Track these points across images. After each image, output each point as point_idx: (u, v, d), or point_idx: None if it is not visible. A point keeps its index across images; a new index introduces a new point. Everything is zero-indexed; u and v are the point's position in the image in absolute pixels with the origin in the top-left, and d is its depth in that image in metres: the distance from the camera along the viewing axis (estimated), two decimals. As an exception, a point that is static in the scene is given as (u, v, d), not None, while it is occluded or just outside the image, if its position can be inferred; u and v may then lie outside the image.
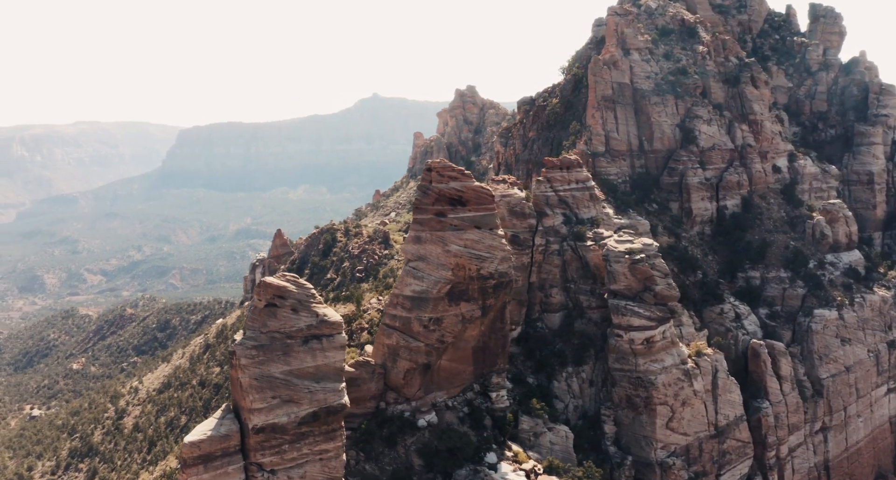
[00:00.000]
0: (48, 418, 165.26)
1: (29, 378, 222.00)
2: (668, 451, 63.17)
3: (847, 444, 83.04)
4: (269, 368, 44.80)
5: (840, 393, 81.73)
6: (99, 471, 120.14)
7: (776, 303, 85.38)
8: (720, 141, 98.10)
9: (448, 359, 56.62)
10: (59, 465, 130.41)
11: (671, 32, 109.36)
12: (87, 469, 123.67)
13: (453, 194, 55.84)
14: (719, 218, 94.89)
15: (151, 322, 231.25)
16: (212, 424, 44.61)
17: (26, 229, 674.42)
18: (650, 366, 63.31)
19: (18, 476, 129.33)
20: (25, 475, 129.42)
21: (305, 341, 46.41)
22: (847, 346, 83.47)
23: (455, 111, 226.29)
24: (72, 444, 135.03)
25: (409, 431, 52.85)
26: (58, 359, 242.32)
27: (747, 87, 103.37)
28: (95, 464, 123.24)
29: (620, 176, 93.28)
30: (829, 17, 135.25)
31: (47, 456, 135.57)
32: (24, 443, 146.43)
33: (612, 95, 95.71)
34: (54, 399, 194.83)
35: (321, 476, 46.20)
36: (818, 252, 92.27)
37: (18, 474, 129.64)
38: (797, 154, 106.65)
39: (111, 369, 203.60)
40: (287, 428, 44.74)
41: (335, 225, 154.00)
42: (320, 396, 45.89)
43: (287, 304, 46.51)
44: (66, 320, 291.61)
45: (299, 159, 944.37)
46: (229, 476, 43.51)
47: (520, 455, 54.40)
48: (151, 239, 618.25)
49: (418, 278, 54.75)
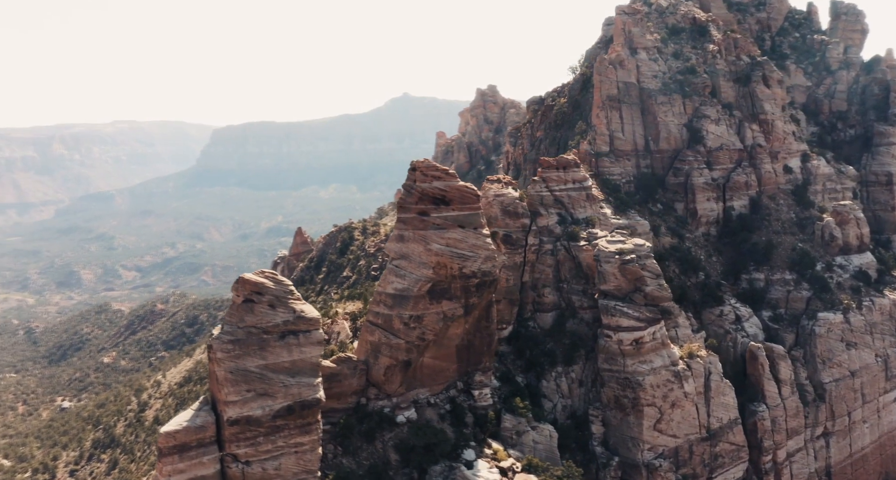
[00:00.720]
0: (76, 410, 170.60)
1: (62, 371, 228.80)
2: (655, 453, 62.87)
3: (851, 450, 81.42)
4: (245, 362, 46.00)
5: (844, 398, 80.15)
6: (119, 462, 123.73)
7: (780, 306, 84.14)
8: (728, 141, 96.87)
9: (431, 357, 57.28)
10: (83, 455, 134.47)
11: (682, 31, 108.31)
12: (109, 460, 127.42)
13: (436, 194, 56.47)
14: (726, 219, 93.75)
15: (180, 318, 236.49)
16: (189, 415, 46.03)
17: (64, 226, 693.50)
18: (638, 367, 63.10)
19: (43, 466, 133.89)
20: (50, 464, 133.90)
21: (282, 336, 47.54)
22: (853, 350, 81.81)
23: (476, 110, 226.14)
24: (95, 435, 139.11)
25: (387, 427, 53.64)
26: (90, 353, 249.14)
27: (759, 86, 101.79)
28: (116, 455, 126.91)
29: (624, 176, 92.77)
30: (850, 15, 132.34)
31: (72, 447, 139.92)
32: (51, 434, 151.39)
33: (618, 94, 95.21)
34: (85, 392, 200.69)
35: (296, 468, 47.27)
36: (827, 254, 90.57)
37: (44, 463, 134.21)
38: (811, 154, 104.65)
39: (140, 363, 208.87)
40: (261, 421, 45.90)
41: (353, 224, 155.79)
42: (295, 390, 46.97)
43: (264, 300, 47.68)
44: (99, 314, 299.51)
45: (330, 158, 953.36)
46: (204, 466, 44.83)
47: (499, 452, 54.77)
48: (185, 236, 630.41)
49: (400, 276, 55.55)
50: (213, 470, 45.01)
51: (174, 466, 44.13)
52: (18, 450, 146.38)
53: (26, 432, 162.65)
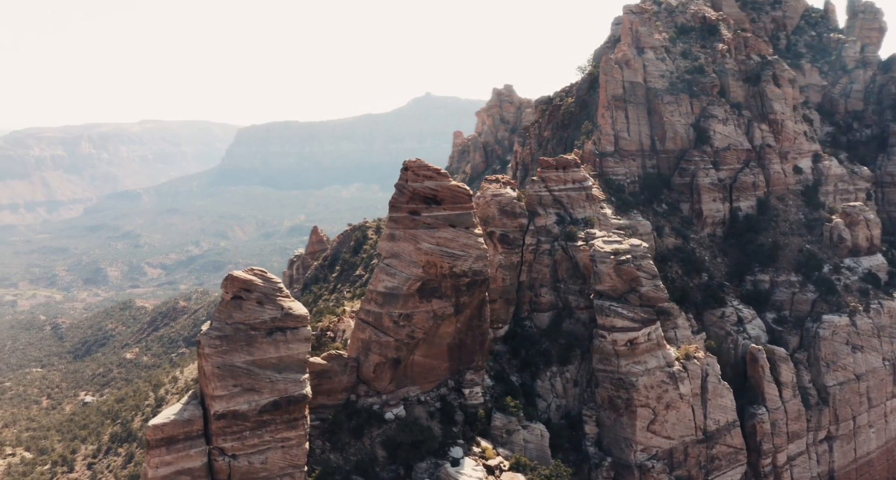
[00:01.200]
0: (97, 404, 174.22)
1: (86, 366, 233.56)
2: (648, 454, 62.64)
3: (856, 455, 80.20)
4: (232, 357, 46.95)
5: (848, 402, 78.98)
6: (136, 456, 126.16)
7: (784, 308, 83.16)
8: (736, 141, 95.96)
9: (422, 355, 57.79)
10: (101, 449, 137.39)
11: (691, 30, 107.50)
12: (125, 454, 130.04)
13: (427, 193, 56.98)
14: (732, 220, 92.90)
15: (202, 315, 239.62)
16: (177, 409, 47.10)
17: (92, 224, 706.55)
18: (632, 368, 62.93)
19: (63, 458, 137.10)
20: (69, 457, 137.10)
21: (269, 333, 48.42)
22: (859, 353, 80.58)
23: (492, 110, 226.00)
24: (113, 429, 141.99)
25: (375, 423, 54.25)
26: (114, 348, 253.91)
27: (769, 85, 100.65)
28: (133, 449, 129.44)
29: (629, 176, 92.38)
30: (868, 13, 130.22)
31: (91, 440, 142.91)
32: (71, 427, 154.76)
33: (624, 94, 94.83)
34: (107, 387, 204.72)
35: (282, 462, 48.10)
36: (835, 256, 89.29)
37: (63, 456, 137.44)
38: (823, 155, 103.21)
39: (161, 359, 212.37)
40: (248, 415, 46.80)
41: (367, 223, 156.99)
42: (281, 386, 47.81)
43: (253, 297, 48.61)
44: (123, 311, 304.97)
45: (352, 158, 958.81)
46: (191, 458, 45.83)
47: (487, 451, 55.08)
48: (209, 234, 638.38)
49: (391, 275, 56.15)
50: (200, 463, 46.00)
51: (161, 458, 45.22)
52: (40, 443, 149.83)
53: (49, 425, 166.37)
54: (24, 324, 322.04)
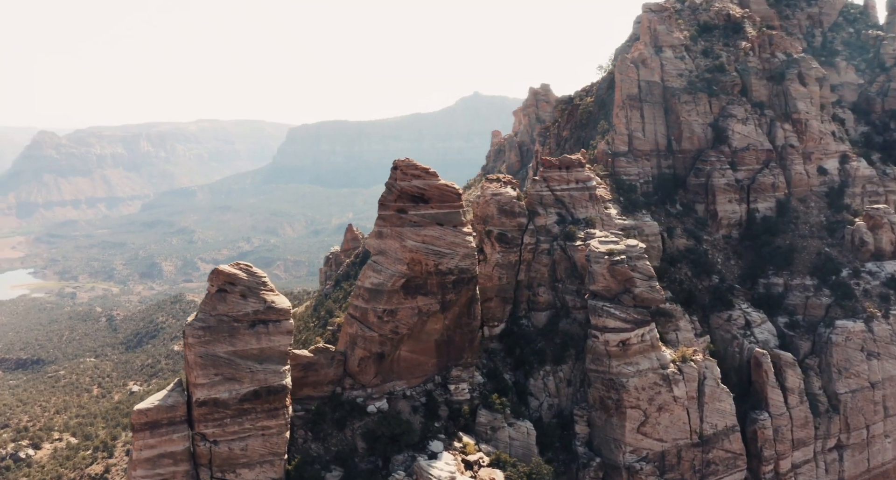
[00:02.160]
0: (143, 394, 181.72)
1: (136, 357, 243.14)
2: (638, 455, 62.28)
3: (869, 465, 77.58)
4: (214, 347, 49.16)
5: (861, 410, 76.47)
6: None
7: (797, 312, 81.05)
8: (756, 141, 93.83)
9: (409, 350, 59.00)
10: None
11: (714, 28, 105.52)
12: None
13: (415, 192, 58.12)
14: (749, 221, 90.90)
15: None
16: (162, 395, 49.61)
17: (149, 219, 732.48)
18: (623, 369, 62.67)
19: (104, 444, 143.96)
20: (110, 443, 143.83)
21: (252, 325, 50.45)
22: (874, 360, 77.91)
23: (528, 109, 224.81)
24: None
25: (358, 416, 55.70)
26: (163, 341, 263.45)
27: (793, 84, 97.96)
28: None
29: (642, 176, 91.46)
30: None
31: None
32: (116, 415, 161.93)
33: (639, 93, 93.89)
34: (155, 377, 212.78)
35: (263, 450, 50.11)
36: (856, 260, 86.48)
37: (104, 442, 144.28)
38: (851, 155, 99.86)
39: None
40: (228, 404, 48.95)
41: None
42: (261, 376, 49.80)
43: (237, 290, 50.74)
44: (174, 304, 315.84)
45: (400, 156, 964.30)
46: (174, 442, 48.26)
47: (468, 446, 55.87)
48: (260, 231, 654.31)
49: (377, 272, 57.53)
50: (183, 447, 48.38)
51: (145, 441, 47.76)
52: (86, 429, 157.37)
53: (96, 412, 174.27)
54: (82, 316, 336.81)
